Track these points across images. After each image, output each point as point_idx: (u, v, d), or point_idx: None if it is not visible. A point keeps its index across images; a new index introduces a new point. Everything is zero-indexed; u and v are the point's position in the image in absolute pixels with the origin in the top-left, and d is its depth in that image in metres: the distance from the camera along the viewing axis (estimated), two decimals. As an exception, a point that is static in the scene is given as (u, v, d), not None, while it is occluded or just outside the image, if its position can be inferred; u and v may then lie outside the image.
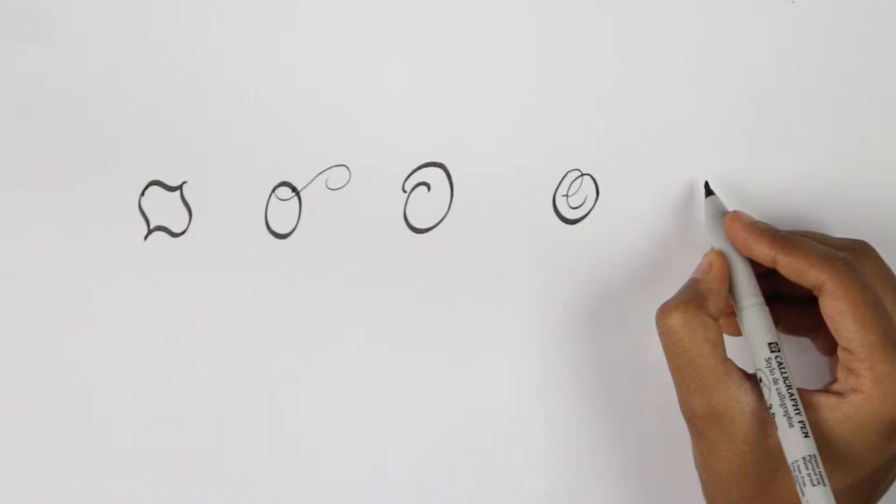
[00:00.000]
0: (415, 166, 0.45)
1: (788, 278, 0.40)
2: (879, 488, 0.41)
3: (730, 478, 0.40)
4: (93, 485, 0.45)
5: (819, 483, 0.37)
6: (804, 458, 0.38)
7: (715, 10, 0.45)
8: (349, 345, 0.45)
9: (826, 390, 0.40)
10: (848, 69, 0.45)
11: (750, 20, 0.45)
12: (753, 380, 0.40)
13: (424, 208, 0.45)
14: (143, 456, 0.45)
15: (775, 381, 0.39)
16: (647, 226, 0.45)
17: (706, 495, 0.42)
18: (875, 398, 0.38)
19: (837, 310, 0.39)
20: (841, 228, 0.45)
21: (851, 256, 0.40)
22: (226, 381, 0.45)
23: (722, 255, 0.42)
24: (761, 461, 0.40)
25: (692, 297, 0.40)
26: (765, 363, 0.39)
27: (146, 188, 0.44)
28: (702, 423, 0.40)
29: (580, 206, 0.45)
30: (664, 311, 0.41)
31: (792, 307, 0.43)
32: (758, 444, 0.39)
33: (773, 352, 0.40)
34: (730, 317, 0.43)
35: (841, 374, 0.39)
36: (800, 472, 0.38)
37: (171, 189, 0.45)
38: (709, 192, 0.44)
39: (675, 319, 0.40)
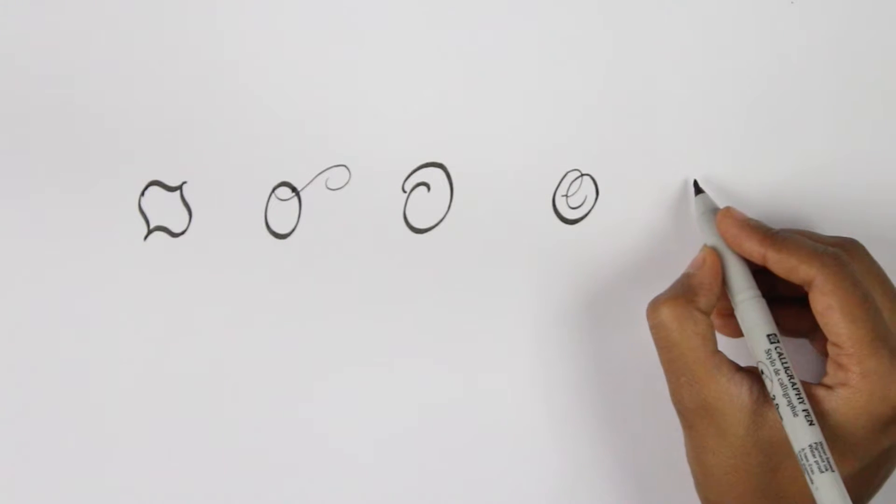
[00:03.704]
0: (415, 166, 0.45)
1: (779, 275, 0.41)
2: (872, 484, 0.41)
3: (719, 470, 0.40)
4: (93, 484, 0.45)
5: (827, 469, 0.37)
6: (810, 445, 0.38)
7: (714, 11, 0.45)
8: (349, 344, 0.45)
9: (816, 384, 0.40)
10: (845, 70, 0.46)
11: (750, 21, 0.45)
12: (744, 372, 0.40)
13: (424, 208, 0.45)
14: (143, 455, 0.45)
15: (776, 372, 0.39)
16: (647, 226, 0.45)
17: (698, 489, 0.42)
18: (862, 392, 0.39)
19: (827, 305, 0.39)
20: (834, 228, 0.46)
21: (842, 252, 0.40)
22: (226, 381, 0.45)
23: (716, 252, 0.42)
24: (751, 455, 0.40)
25: (682, 292, 0.41)
26: (765, 355, 0.40)
27: (146, 188, 0.44)
28: (692, 416, 0.40)
29: (580, 206, 0.45)
30: (654, 306, 0.41)
31: (788, 308, 0.43)
32: (748, 437, 0.40)
33: (772, 343, 0.40)
34: (728, 318, 0.43)
35: (830, 368, 0.40)
36: (807, 459, 0.38)
37: (171, 189, 0.45)
38: (698, 190, 0.44)
39: (665, 314, 0.40)
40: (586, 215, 0.45)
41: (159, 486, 0.45)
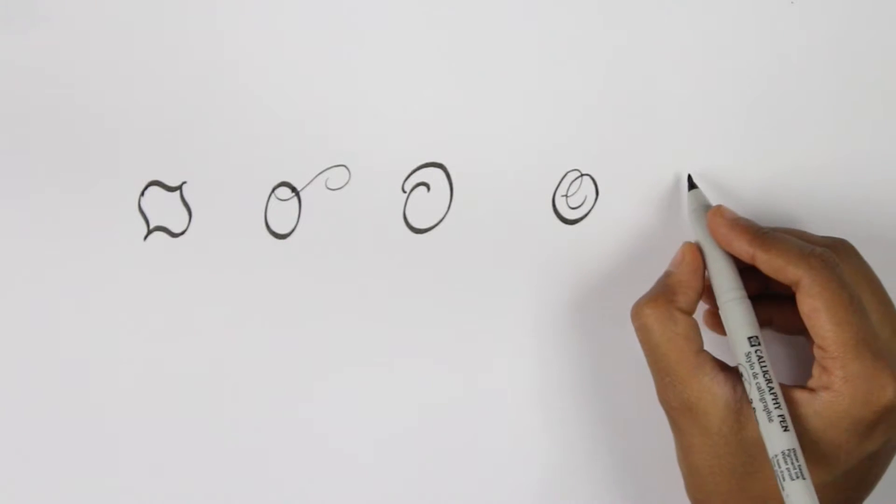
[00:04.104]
0: (415, 166, 0.45)
1: (768, 275, 0.41)
2: (859, 488, 0.41)
3: (704, 470, 0.40)
4: (93, 484, 0.45)
5: (798, 477, 0.37)
6: (783, 452, 0.38)
7: (715, 11, 0.45)
8: (349, 344, 0.45)
9: (800, 386, 0.40)
10: (845, 70, 0.46)
11: (750, 21, 0.45)
12: (729, 371, 0.40)
13: (424, 208, 0.45)
14: (143, 454, 0.45)
15: (755, 376, 0.39)
16: (646, 226, 0.45)
17: (686, 488, 0.42)
18: (844, 396, 0.38)
19: (812, 307, 0.39)
20: (832, 227, 0.45)
21: (830, 253, 0.40)
22: (225, 381, 0.45)
23: (696, 247, 0.42)
24: (735, 454, 0.40)
25: (662, 292, 0.41)
26: (744, 358, 0.40)
27: (146, 188, 0.44)
28: (677, 415, 0.41)
29: (580, 207, 0.45)
30: (636, 308, 0.41)
31: (784, 305, 0.43)
32: (732, 436, 0.40)
33: (752, 346, 0.40)
34: (717, 316, 0.43)
35: (815, 370, 0.40)
36: (779, 466, 0.38)
37: (171, 189, 0.45)
38: (692, 185, 0.44)
39: (646, 315, 0.41)
40: (586, 215, 0.45)
41: (159, 486, 0.45)
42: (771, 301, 0.43)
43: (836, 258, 0.40)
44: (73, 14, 0.44)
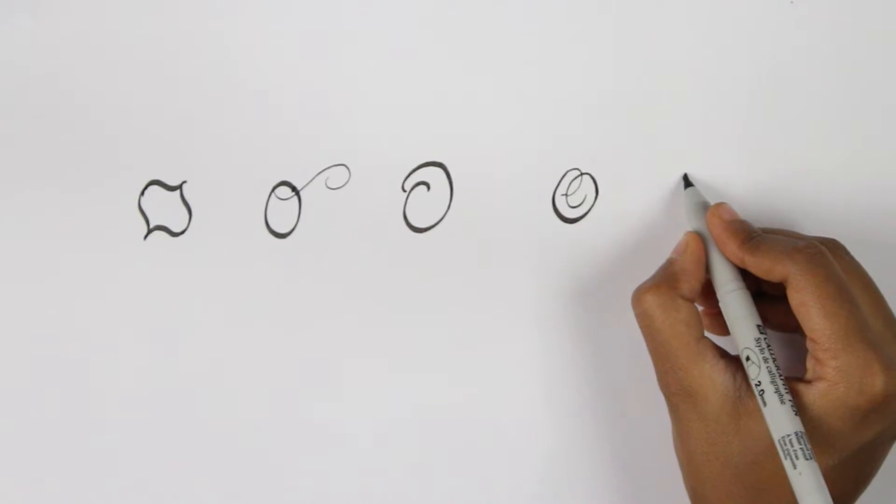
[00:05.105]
0: (415, 166, 0.45)
1: (761, 277, 0.41)
2: (856, 481, 0.41)
3: (700, 458, 0.41)
4: (93, 483, 0.45)
5: (812, 457, 0.38)
6: (796, 433, 0.38)
7: (714, 11, 0.45)
8: (348, 343, 0.45)
9: (794, 377, 0.40)
10: (844, 71, 0.46)
11: (750, 21, 0.45)
12: (729, 359, 0.41)
13: (424, 208, 0.45)
14: (143, 454, 0.45)
15: (765, 360, 0.39)
16: (646, 224, 0.45)
17: (683, 477, 0.43)
18: (838, 386, 0.39)
19: (801, 301, 0.39)
20: (832, 229, 0.45)
21: (817, 246, 0.40)
22: (225, 380, 0.45)
23: (700, 237, 0.42)
24: (731, 443, 0.40)
25: (665, 279, 0.41)
26: (755, 343, 0.40)
27: (146, 188, 0.45)
28: (677, 401, 0.41)
29: (579, 206, 0.45)
30: (637, 294, 0.41)
31: (776, 304, 0.43)
32: (729, 424, 0.40)
33: (761, 333, 0.40)
34: (715, 317, 0.43)
35: (809, 363, 0.40)
36: (792, 446, 0.38)
37: (170, 189, 0.45)
38: (688, 183, 0.44)
39: (648, 301, 0.41)
40: (586, 214, 0.45)
41: (159, 485, 0.45)
42: (763, 300, 0.43)
43: (823, 249, 0.40)
44: (74, 14, 0.44)
